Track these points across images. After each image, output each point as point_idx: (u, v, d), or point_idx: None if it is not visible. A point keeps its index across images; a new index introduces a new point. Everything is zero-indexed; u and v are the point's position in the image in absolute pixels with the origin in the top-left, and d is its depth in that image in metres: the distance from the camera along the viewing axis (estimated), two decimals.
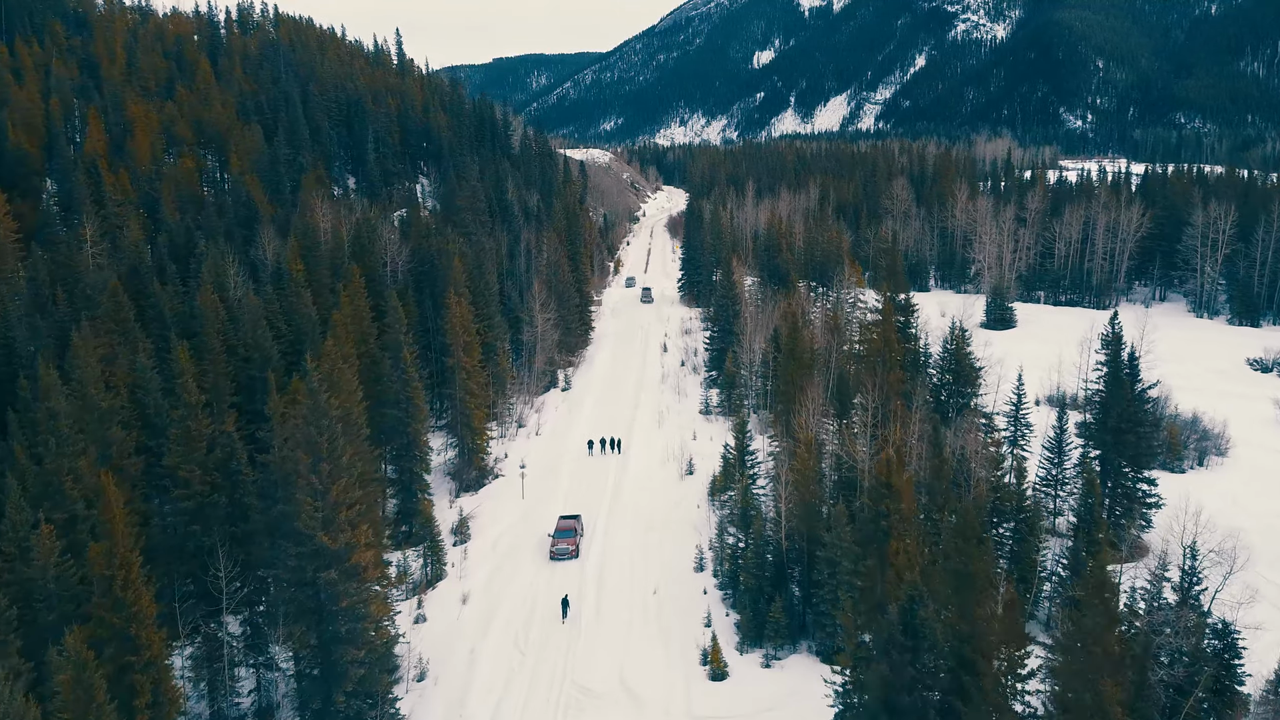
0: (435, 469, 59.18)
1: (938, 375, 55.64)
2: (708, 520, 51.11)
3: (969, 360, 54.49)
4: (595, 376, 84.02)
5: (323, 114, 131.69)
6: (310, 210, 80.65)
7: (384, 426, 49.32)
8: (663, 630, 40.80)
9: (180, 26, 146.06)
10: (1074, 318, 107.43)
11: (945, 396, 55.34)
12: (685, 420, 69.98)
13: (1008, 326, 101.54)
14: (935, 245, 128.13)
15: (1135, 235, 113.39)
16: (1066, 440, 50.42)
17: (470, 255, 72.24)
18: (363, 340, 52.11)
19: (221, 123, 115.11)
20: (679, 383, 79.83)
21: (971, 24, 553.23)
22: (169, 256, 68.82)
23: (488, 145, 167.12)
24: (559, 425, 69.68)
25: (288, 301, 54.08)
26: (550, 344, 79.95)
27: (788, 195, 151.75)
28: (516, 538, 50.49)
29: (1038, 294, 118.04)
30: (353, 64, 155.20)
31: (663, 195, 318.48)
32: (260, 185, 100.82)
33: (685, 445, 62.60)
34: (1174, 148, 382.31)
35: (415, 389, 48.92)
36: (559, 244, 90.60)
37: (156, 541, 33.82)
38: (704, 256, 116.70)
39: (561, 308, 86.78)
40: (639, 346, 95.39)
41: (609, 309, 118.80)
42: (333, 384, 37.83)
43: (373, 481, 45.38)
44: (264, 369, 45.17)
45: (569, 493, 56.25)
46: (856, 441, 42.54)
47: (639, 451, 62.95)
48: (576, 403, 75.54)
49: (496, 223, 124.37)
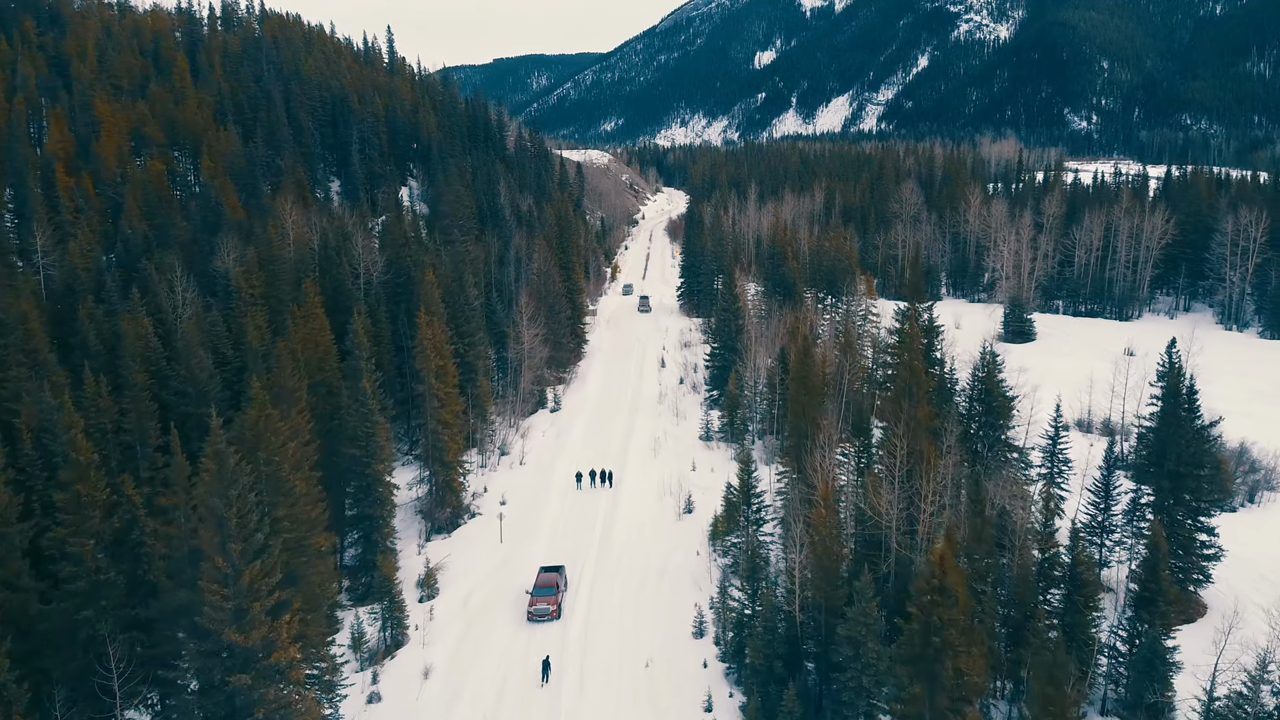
0: (405, 505, 53.36)
1: (965, 404, 49.72)
2: (708, 571, 45.21)
3: (1001, 389, 48.56)
4: (588, 395, 78.13)
5: (306, 114, 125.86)
6: (280, 217, 74.84)
7: (340, 466, 43.43)
8: (657, 714, 34.93)
9: (160, 23, 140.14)
10: (1097, 330, 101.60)
11: (975, 428, 49.46)
12: (684, 447, 64.08)
13: (1027, 340, 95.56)
14: (947, 251, 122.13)
15: (1160, 242, 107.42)
16: (1114, 482, 44.51)
17: (449, 266, 66.35)
18: (319, 367, 46.21)
19: (196, 123, 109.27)
20: (677, 403, 73.95)
21: (974, 24, 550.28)
22: (124, 269, 63.08)
23: (481, 146, 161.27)
24: (545, 452, 63.75)
25: (237, 323, 48.20)
26: (539, 361, 74.10)
27: (792, 198, 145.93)
28: (492, 591, 44.59)
29: (1055, 304, 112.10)
30: (339, 62, 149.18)
31: (663, 197, 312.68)
32: (234, 189, 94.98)
33: (683, 478, 56.74)
34: (1181, 149, 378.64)
35: (376, 425, 43.02)
36: (550, 252, 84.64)
37: (43, 628, 27.92)
38: (704, 263, 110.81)
39: (551, 321, 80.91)
40: (635, 361, 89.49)
41: (604, 319, 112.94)
42: (263, 428, 31.92)
43: (322, 530, 39.56)
44: (201, 404, 39.31)
45: (553, 535, 50.36)
46: (881, 490, 36.65)
47: (633, 484, 57.01)
48: (566, 425, 69.62)
49: (487, 228, 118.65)
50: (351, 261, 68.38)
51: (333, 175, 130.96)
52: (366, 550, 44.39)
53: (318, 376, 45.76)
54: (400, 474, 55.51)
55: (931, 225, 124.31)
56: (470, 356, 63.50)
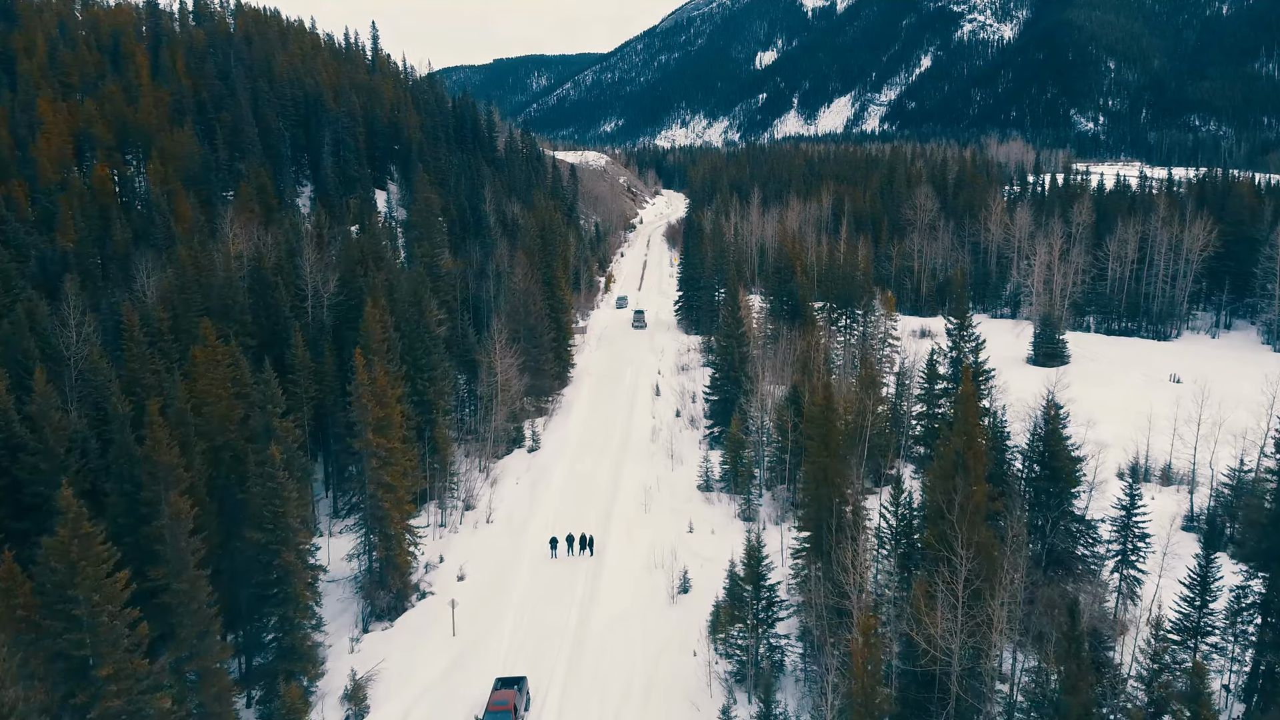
0: (343, 580, 44.46)
1: (1023, 465, 40.66)
2: (707, 682, 36.17)
3: (1067, 450, 39.50)
4: (571, 430, 69.10)
5: (274, 113, 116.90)
6: (222, 230, 65.98)
7: (243, 554, 34.45)
8: None
9: (122, 18, 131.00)
10: (1135, 351, 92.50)
11: (1032, 494, 40.45)
12: (679, 499, 55.09)
13: (1059, 362, 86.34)
14: (967, 262, 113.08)
15: (1201, 254, 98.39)
16: (1214, 571, 35.43)
17: (407, 287, 57.34)
18: (224, 426, 37.23)
19: (151, 123, 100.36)
20: (672, 441, 64.90)
21: (978, 24, 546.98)
22: (49, 293, 54.03)
23: (469, 148, 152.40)
24: (519, 506, 54.72)
25: (132, 369, 39.21)
26: (516, 393, 65.15)
27: (797, 204, 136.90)
28: (434, 709, 35.56)
29: (1085, 320, 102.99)
30: (316, 58, 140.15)
31: (662, 200, 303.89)
32: (187, 197, 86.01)
33: (679, 544, 47.81)
34: (1191, 151, 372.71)
35: (286, 502, 33.95)
36: (532, 267, 75.57)
37: None
38: (704, 276, 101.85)
39: (532, 345, 71.98)
40: (626, 387, 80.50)
41: (595, 336, 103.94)
42: (77, 556, 22.93)
43: (216, 641, 30.70)
44: (53, 483, 30.36)
45: (518, 626, 41.29)
46: (935, 609, 27.65)
47: (618, 552, 47.98)
48: (544, 470, 60.57)
49: (469, 237, 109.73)
50: (297, 283, 59.51)
51: (306, 180, 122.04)
52: (280, 657, 35.36)
53: (222, 437, 36.80)
54: (338, 543, 46.64)
55: (949, 234, 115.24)
56: (430, 394, 54.53)
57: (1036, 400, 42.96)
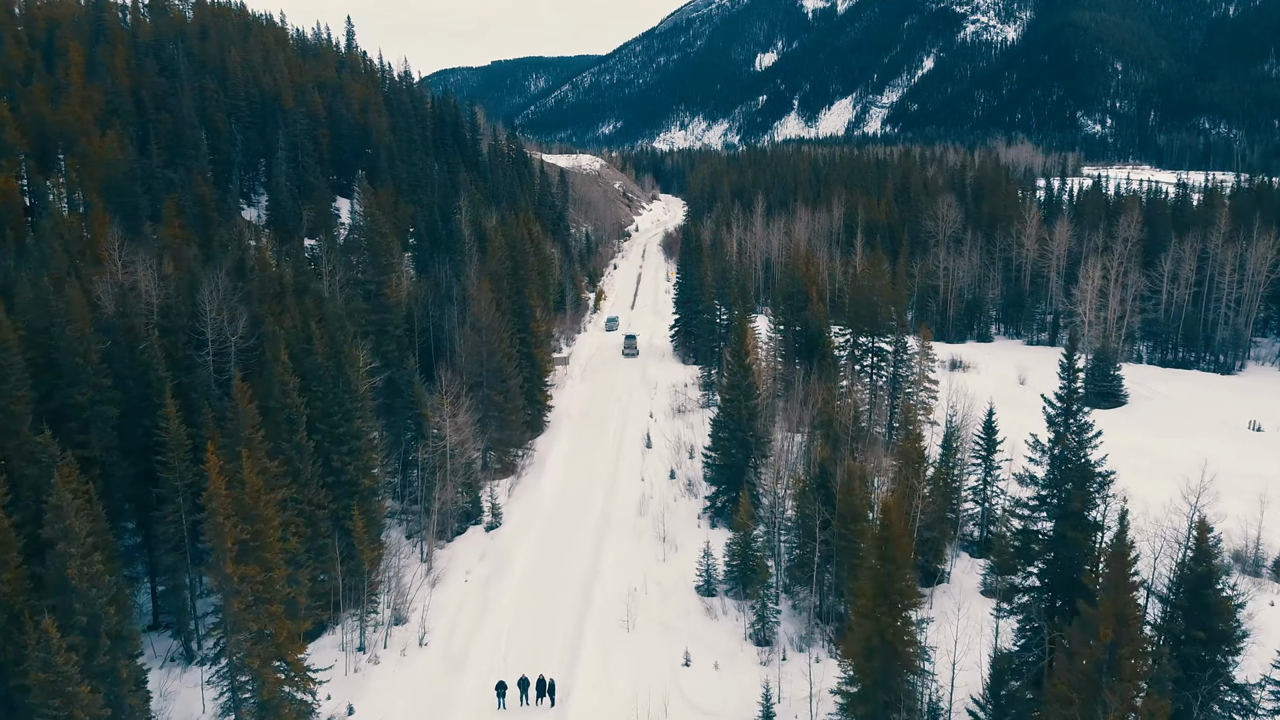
0: None
1: (1164, 616, 28.36)
2: None
3: (1224, 602, 27.19)
4: (542, 496, 56.81)
5: (224, 114, 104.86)
6: (112, 255, 53.75)
7: None
8: None
9: (62, 10, 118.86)
10: (1199, 388, 79.98)
11: (1179, 652, 28.18)
12: (672, 611, 42.79)
13: (1115, 403, 74.45)
14: (998, 281, 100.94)
15: (1268, 276, 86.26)
16: None
17: (330, 329, 45.04)
18: None
19: (76, 126, 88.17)
20: (664, 516, 52.49)
21: (981, 25, 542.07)
22: None
23: (449, 152, 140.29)
24: (463, 617, 42.38)
25: None
26: (468, 458, 52.89)
27: (805, 213, 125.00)
28: None
29: (1136, 349, 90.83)
30: (278, 55, 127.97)
31: (659, 206, 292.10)
32: (107, 212, 73.82)
33: (670, 689, 35.63)
34: (1202, 154, 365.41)
35: (70, 696, 21.72)
36: (494, 297, 63.23)
37: None
38: (704, 298, 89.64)
39: (497, 391, 59.68)
40: (612, 436, 68.30)
41: (580, 365, 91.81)
42: None
43: None
44: None
45: None
46: None
47: (589, 701, 35.56)
48: (503, 559, 48.27)
49: (439, 253, 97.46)
50: (195, 325, 47.36)
51: (261, 189, 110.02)
52: None
53: None
54: (204, 694, 34.31)
55: (978, 249, 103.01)
56: (351, 471, 42.33)
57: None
